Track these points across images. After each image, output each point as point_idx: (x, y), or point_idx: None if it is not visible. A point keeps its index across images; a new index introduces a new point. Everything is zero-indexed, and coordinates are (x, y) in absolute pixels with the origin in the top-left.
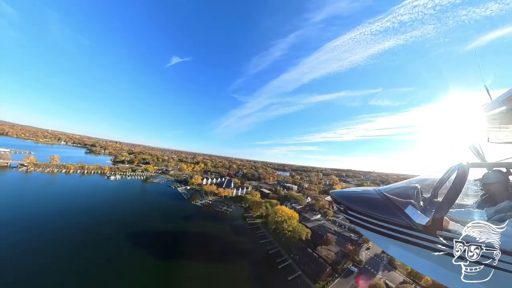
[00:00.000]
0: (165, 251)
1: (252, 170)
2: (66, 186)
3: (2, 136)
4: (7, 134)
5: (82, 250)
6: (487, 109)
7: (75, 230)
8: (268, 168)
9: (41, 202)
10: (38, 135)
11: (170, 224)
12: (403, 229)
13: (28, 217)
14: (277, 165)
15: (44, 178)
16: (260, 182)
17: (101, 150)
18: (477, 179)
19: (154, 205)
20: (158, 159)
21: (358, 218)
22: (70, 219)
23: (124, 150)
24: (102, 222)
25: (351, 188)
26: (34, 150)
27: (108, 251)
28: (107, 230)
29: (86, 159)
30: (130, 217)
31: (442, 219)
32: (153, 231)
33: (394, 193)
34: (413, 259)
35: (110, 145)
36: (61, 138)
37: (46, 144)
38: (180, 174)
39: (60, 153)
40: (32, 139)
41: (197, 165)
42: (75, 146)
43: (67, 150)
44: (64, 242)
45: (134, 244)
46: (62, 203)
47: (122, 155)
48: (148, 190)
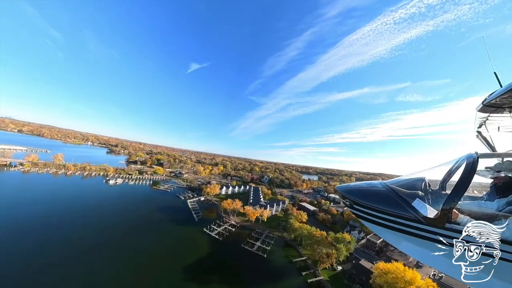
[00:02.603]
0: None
1: (277, 173)
2: (48, 191)
3: (38, 136)
4: (42, 135)
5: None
6: (495, 96)
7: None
8: (294, 172)
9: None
10: (69, 136)
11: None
12: (410, 223)
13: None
14: (300, 168)
15: (34, 179)
16: (292, 190)
17: (121, 150)
18: (487, 169)
19: (141, 236)
20: (174, 160)
21: (364, 213)
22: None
23: (144, 150)
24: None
25: (357, 182)
26: (55, 149)
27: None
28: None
29: (101, 159)
30: (76, 266)
31: (451, 211)
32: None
33: (401, 186)
34: (421, 253)
35: (131, 146)
36: (89, 139)
37: (73, 144)
38: (194, 179)
39: (81, 152)
40: (62, 139)
41: (216, 167)
42: (100, 146)
43: (90, 149)
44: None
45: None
46: (13, 221)
47: (137, 155)
48: (148, 201)
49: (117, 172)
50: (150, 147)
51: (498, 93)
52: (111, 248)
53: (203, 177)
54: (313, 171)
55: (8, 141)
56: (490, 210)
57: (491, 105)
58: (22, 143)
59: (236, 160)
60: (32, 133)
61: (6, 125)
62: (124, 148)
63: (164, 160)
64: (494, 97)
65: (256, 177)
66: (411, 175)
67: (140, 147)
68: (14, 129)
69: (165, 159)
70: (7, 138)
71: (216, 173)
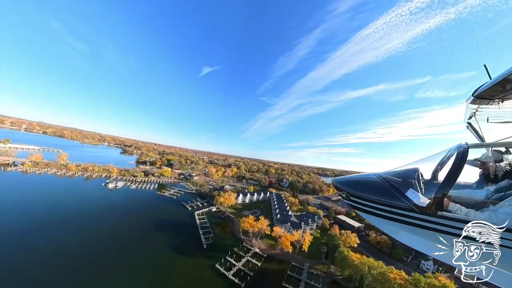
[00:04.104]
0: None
1: (294, 175)
2: (32, 196)
3: (60, 137)
4: (63, 136)
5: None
6: (485, 88)
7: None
8: (312, 174)
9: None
10: (87, 137)
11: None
12: (405, 212)
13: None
14: (316, 169)
15: (27, 180)
16: (318, 197)
17: (134, 151)
18: (476, 159)
19: (117, 278)
20: (185, 161)
21: (360, 204)
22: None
23: (157, 151)
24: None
25: (353, 174)
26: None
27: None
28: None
29: (111, 159)
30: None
31: (443, 200)
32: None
33: (395, 176)
34: (416, 240)
35: (145, 146)
36: (106, 140)
37: (90, 144)
38: (205, 182)
39: (94, 152)
40: (80, 140)
41: (229, 168)
42: (116, 146)
43: (105, 150)
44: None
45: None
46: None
47: (148, 155)
48: (146, 211)
49: (121, 174)
50: (164, 147)
51: (487, 85)
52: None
53: (215, 180)
54: (331, 173)
55: (29, 141)
56: (479, 197)
57: (481, 96)
58: (40, 143)
59: (249, 161)
60: (54, 135)
61: (33, 128)
62: (138, 149)
63: (175, 161)
64: (483, 89)
65: (274, 180)
66: (405, 166)
67: (154, 148)
68: (40, 131)
69: (176, 160)
70: (28, 138)
71: (230, 176)
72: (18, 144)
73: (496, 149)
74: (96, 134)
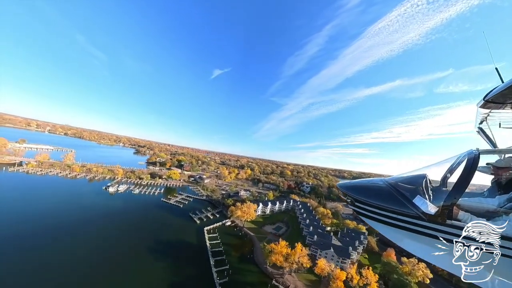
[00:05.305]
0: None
1: (311, 177)
2: (21, 200)
3: (79, 138)
4: (82, 137)
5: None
6: (497, 92)
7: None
8: (329, 176)
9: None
10: (104, 138)
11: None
12: (411, 219)
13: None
14: (333, 171)
15: (25, 182)
16: (346, 205)
17: (147, 151)
18: (489, 165)
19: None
20: (197, 161)
21: (365, 210)
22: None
23: (170, 151)
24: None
25: (358, 179)
26: (85, 149)
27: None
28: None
29: (122, 159)
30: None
31: (452, 208)
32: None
33: (402, 183)
34: (422, 249)
35: (158, 147)
36: (121, 141)
37: (105, 145)
38: (217, 186)
39: (108, 152)
40: (97, 141)
41: (242, 170)
42: (131, 147)
43: (119, 150)
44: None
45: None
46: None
47: (158, 155)
48: (145, 225)
49: (126, 175)
50: (176, 148)
51: (499, 89)
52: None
53: (227, 183)
54: (348, 175)
55: (49, 142)
56: (491, 206)
57: (492, 101)
58: (57, 143)
59: (262, 162)
60: (74, 136)
61: (56, 129)
62: (150, 149)
63: (186, 162)
64: (495, 93)
65: (293, 184)
66: (412, 172)
67: (167, 148)
68: (62, 133)
69: (187, 160)
70: (48, 139)
71: (243, 178)
72: (33, 144)
73: (510, 155)
74: (113, 135)
